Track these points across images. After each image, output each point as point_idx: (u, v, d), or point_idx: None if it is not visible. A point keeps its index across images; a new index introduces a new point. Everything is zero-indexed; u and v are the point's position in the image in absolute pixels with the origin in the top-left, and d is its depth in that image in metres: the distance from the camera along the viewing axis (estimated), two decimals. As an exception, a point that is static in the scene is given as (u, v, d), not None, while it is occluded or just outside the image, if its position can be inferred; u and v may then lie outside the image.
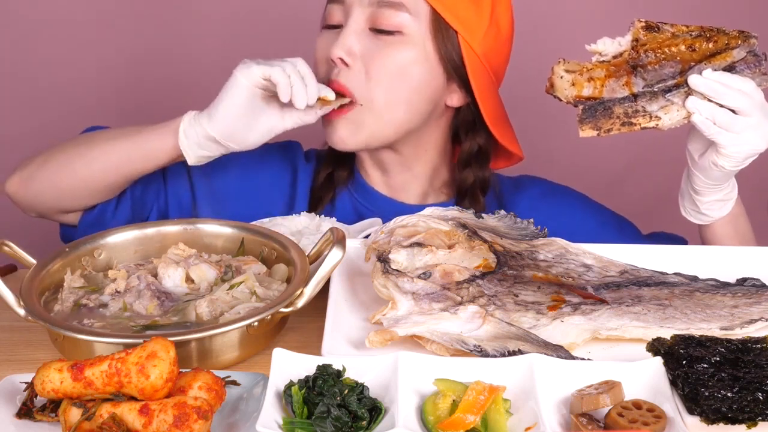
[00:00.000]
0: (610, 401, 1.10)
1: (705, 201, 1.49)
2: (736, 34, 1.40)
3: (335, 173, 1.73)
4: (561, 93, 1.43)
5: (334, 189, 1.73)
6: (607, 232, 1.68)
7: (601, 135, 1.43)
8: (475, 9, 1.60)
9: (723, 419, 1.11)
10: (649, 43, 1.40)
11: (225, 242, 1.47)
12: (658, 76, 1.41)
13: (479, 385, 1.11)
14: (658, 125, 1.42)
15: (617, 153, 2.57)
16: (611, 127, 1.42)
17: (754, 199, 2.51)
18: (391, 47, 1.58)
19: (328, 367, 1.13)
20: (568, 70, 1.42)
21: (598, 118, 1.42)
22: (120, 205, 1.65)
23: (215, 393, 1.10)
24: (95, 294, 1.36)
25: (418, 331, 1.23)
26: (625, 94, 1.42)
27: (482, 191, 1.71)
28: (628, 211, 1.83)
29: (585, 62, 1.42)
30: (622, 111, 1.42)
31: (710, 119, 1.39)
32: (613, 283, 1.38)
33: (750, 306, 1.34)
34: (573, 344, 1.26)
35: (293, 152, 1.77)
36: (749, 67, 1.40)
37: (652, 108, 1.41)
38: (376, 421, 1.09)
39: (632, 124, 1.42)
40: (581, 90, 1.42)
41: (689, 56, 1.40)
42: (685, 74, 1.40)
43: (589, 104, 1.42)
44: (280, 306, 1.27)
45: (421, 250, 1.36)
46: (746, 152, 1.40)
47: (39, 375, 1.09)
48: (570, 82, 1.42)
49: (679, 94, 1.40)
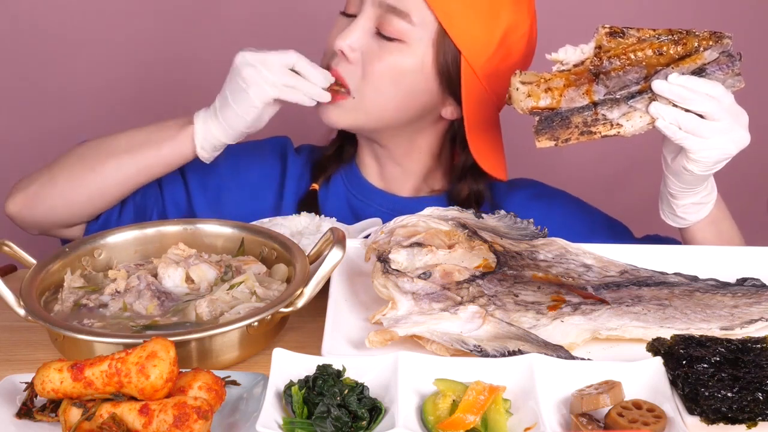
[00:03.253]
0: (610, 401, 1.10)
1: (681, 204, 1.49)
2: (708, 35, 1.38)
3: (345, 146, 1.77)
4: (517, 105, 1.41)
5: (339, 164, 1.76)
6: (598, 234, 1.68)
7: (559, 145, 1.41)
8: (484, 30, 1.59)
9: (723, 419, 1.11)
10: (613, 50, 1.38)
11: (225, 242, 1.47)
12: (622, 82, 1.39)
13: (479, 385, 1.11)
14: (620, 133, 1.40)
15: (614, 156, 2.57)
16: (569, 137, 1.41)
17: (754, 199, 2.52)
18: (390, 53, 1.59)
19: (328, 367, 1.13)
20: (523, 82, 1.41)
21: (555, 129, 1.41)
22: (123, 212, 1.67)
23: (215, 393, 1.10)
24: (95, 294, 1.36)
25: (418, 331, 1.23)
26: (585, 102, 1.40)
27: (477, 204, 1.71)
28: (625, 213, 1.83)
29: (544, 72, 1.41)
30: (581, 120, 1.40)
31: (675, 124, 1.37)
32: (613, 283, 1.38)
33: (750, 306, 1.34)
34: (573, 344, 1.26)
35: (283, 146, 1.81)
36: (721, 68, 1.38)
37: (613, 115, 1.40)
38: (376, 421, 1.09)
39: (592, 133, 1.40)
40: (538, 101, 1.40)
41: (656, 61, 1.38)
42: (650, 79, 1.38)
43: (545, 115, 1.40)
44: (280, 306, 1.27)
45: (421, 250, 1.36)
46: (716, 157, 1.39)
47: (39, 375, 1.09)
48: (526, 93, 1.40)
49: (643, 100, 1.39)
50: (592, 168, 2.59)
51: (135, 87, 2.63)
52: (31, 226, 1.67)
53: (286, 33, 2.50)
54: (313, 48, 1.67)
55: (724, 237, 1.54)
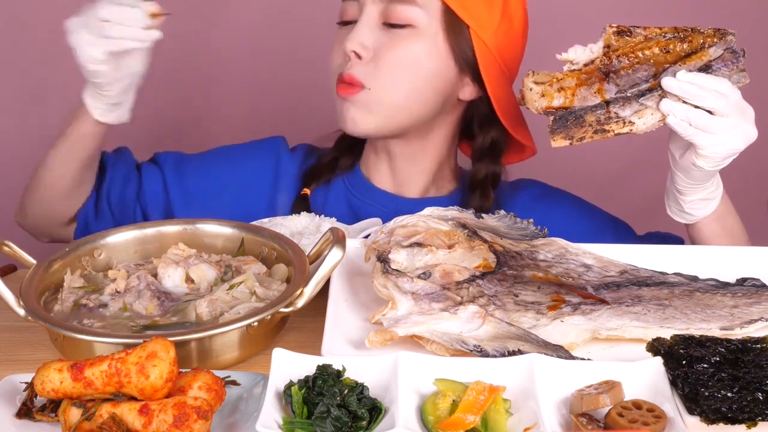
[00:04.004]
0: (610, 401, 1.10)
1: (688, 200, 1.49)
2: (712, 32, 1.39)
3: (340, 159, 1.76)
4: (531, 105, 1.43)
5: (334, 173, 1.75)
6: (600, 233, 1.69)
7: (573, 144, 1.42)
8: (486, 3, 1.61)
9: (723, 419, 1.11)
10: (621, 48, 1.39)
11: (225, 242, 1.47)
12: (632, 80, 1.40)
13: (479, 385, 1.11)
14: (632, 130, 1.41)
15: (617, 153, 2.57)
16: (584, 136, 1.42)
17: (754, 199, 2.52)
18: (403, 40, 1.60)
19: (328, 367, 1.13)
20: (537, 82, 1.42)
21: (569, 128, 1.41)
22: (99, 214, 1.70)
23: (215, 393, 1.10)
24: (95, 294, 1.36)
25: (418, 331, 1.23)
26: (597, 101, 1.41)
27: (493, 185, 1.72)
28: (628, 211, 1.83)
29: (556, 72, 1.42)
30: (594, 119, 1.41)
31: (685, 120, 1.38)
32: (613, 283, 1.38)
33: (750, 306, 1.34)
34: (573, 344, 1.26)
35: (277, 145, 1.81)
36: (726, 64, 1.39)
37: (626, 113, 1.41)
38: (376, 421, 1.09)
39: (605, 131, 1.41)
40: (551, 101, 1.41)
41: (663, 58, 1.39)
42: (658, 77, 1.39)
43: (559, 114, 1.41)
44: (280, 306, 1.27)
45: (421, 250, 1.36)
46: (725, 152, 1.40)
47: (39, 375, 1.09)
48: (539, 93, 1.41)
49: (653, 97, 1.40)
50: (595, 166, 2.59)
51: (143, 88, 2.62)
52: (35, 231, 1.73)
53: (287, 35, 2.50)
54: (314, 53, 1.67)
55: (729, 232, 1.54)
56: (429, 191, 1.75)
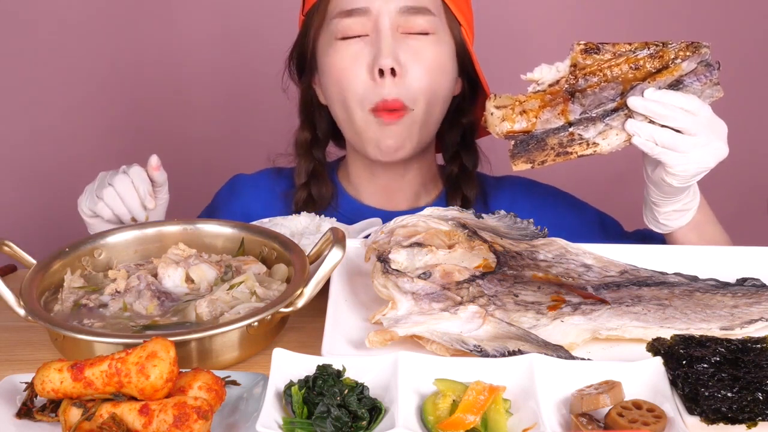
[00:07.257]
0: (610, 401, 1.10)
1: (663, 212, 1.49)
2: (685, 45, 1.36)
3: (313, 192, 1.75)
4: (492, 129, 1.41)
5: (317, 208, 1.74)
6: (587, 227, 1.69)
7: (535, 167, 1.40)
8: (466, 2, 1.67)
9: (723, 419, 1.11)
10: (589, 67, 1.36)
11: (225, 242, 1.47)
12: (598, 100, 1.37)
13: (479, 385, 1.11)
14: (596, 151, 1.39)
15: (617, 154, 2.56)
16: (545, 159, 1.40)
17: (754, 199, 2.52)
18: (428, 47, 1.61)
19: (328, 367, 1.13)
20: (498, 106, 1.40)
21: (530, 152, 1.39)
22: None
23: (215, 393, 1.10)
24: (95, 294, 1.36)
25: (418, 331, 1.23)
26: (561, 123, 1.38)
27: (473, 168, 1.75)
28: (628, 211, 1.82)
29: (519, 95, 1.39)
30: (557, 141, 1.39)
31: (651, 141, 1.36)
32: (613, 283, 1.38)
33: (750, 306, 1.34)
34: (573, 344, 1.26)
35: (230, 188, 1.81)
36: (699, 79, 1.36)
37: (589, 135, 1.38)
38: (376, 421, 1.09)
39: (568, 153, 1.39)
40: (513, 124, 1.39)
41: (632, 76, 1.36)
42: (626, 95, 1.36)
43: (520, 138, 1.39)
44: (280, 306, 1.27)
45: (421, 250, 1.36)
46: (694, 170, 1.38)
47: (39, 375, 1.09)
48: (500, 117, 1.39)
49: (619, 117, 1.37)
50: (590, 167, 2.59)
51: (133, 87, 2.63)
52: None
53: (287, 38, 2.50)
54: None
55: (709, 241, 1.53)
56: (420, 198, 1.76)
